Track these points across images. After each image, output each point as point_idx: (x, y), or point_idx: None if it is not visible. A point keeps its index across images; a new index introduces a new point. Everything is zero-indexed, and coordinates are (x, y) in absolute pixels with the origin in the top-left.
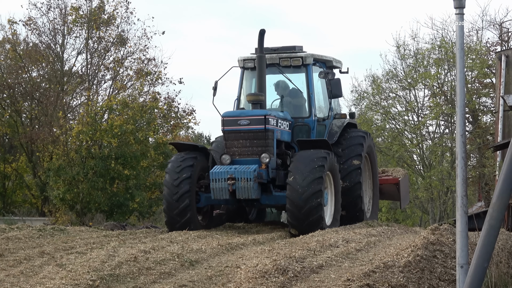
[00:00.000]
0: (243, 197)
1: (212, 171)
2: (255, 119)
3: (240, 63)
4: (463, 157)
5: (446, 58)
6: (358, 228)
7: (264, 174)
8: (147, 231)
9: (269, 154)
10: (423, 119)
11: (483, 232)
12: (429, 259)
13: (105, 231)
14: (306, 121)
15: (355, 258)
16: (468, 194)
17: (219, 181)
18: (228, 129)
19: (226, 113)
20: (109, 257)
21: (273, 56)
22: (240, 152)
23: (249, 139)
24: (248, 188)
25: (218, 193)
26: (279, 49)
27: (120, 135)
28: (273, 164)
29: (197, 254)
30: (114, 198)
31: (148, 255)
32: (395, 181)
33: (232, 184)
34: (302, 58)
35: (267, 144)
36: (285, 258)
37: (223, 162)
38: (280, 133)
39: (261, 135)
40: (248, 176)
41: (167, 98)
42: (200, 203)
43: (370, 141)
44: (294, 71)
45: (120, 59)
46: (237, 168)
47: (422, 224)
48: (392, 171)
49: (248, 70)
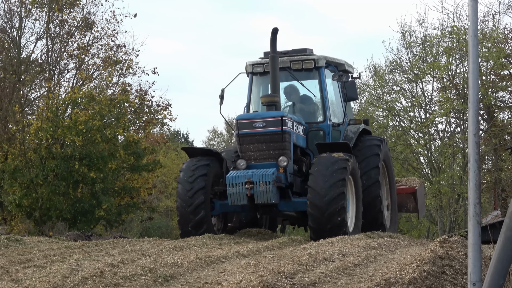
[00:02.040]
0: (262, 202)
1: (229, 175)
2: (271, 121)
3: (249, 68)
4: (476, 160)
5: (458, 46)
6: (356, 240)
7: (282, 178)
8: (115, 242)
9: (287, 158)
10: (431, 116)
11: (498, 244)
12: (437, 276)
13: (67, 242)
14: (321, 126)
15: (352, 274)
16: (482, 202)
17: (237, 186)
18: (243, 133)
19: (240, 116)
20: (71, 272)
21: (283, 59)
22: (256, 156)
23: (265, 142)
24: (267, 192)
25: (235, 198)
26: (289, 52)
27: (85, 133)
28: (290, 169)
29: (172, 269)
30: (78, 204)
31: (116, 270)
32: (412, 190)
33: (250, 188)
34: (314, 60)
35: (284, 147)
36: (273, 274)
37: (239, 168)
38: (296, 137)
39: (278, 138)
40: (267, 179)
41: (139, 91)
42: (215, 210)
43: (386, 147)
44: (306, 74)
45: (86, 45)
46: (255, 172)
47: (429, 236)
48: (406, 181)
49: (257, 75)
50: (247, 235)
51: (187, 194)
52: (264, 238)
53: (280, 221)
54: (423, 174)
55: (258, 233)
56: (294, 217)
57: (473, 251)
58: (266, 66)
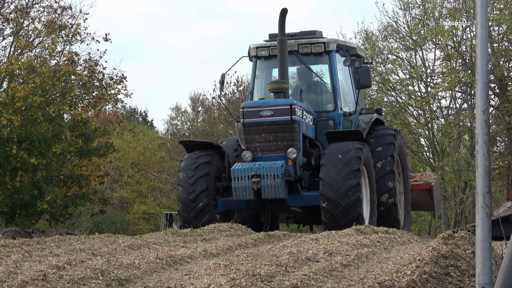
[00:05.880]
0: (269, 197)
1: (234, 168)
2: (280, 109)
3: (252, 52)
4: (485, 141)
5: (464, 7)
6: (345, 236)
7: (292, 171)
8: (61, 240)
9: (296, 149)
10: (433, 90)
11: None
12: (440, 278)
13: (4, 240)
14: (331, 115)
15: (340, 276)
16: (493, 191)
17: (242, 179)
18: (249, 122)
19: (246, 104)
20: (9, 275)
21: (290, 42)
22: (263, 148)
23: (273, 133)
24: (275, 186)
25: (241, 193)
26: (296, 34)
27: (24, 111)
28: (300, 161)
29: (128, 271)
30: (17, 195)
31: (62, 272)
32: (428, 186)
33: (257, 182)
34: (324, 44)
35: (293, 137)
36: (247, 276)
37: (244, 160)
38: (306, 127)
39: (287, 128)
40: (275, 172)
41: (88, 61)
42: (217, 208)
43: (401, 140)
44: (315, 59)
45: (25, 7)
46: (262, 164)
47: (431, 231)
48: (421, 176)
49: (262, 59)
50: (217, 231)
51: (188, 181)
52: (236, 234)
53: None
54: (423, 159)
55: (230, 228)
56: (300, 214)
57: (482, 248)
58: (271, 49)
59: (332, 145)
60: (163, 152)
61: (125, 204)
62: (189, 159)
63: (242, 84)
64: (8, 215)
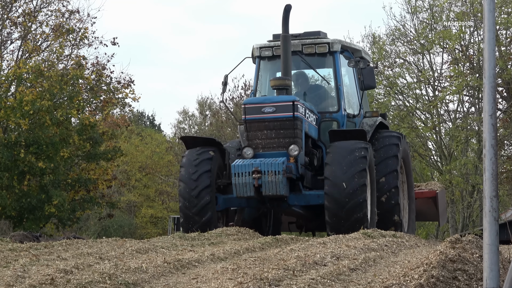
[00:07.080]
0: (270, 193)
1: (235, 164)
2: (282, 105)
3: (256, 52)
4: (493, 145)
5: (472, 11)
6: (352, 240)
7: (293, 168)
8: (68, 244)
9: (298, 147)
10: (441, 94)
11: None
12: (448, 282)
13: (12, 244)
14: (335, 116)
15: (348, 280)
16: (500, 195)
17: (243, 175)
18: (251, 118)
19: (248, 100)
20: (17, 279)
21: (294, 42)
22: (265, 144)
23: (275, 129)
24: (276, 183)
25: (241, 189)
26: (300, 35)
27: (32, 115)
28: (301, 160)
29: (136, 275)
30: (25, 199)
31: (70, 276)
32: (432, 194)
33: (257, 178)
34: (328, 44)
35: (296, 134)
36: (255, 281)
37: (245, 156)
38: (308, 126)
39: (289, 124)
40: (276, 168)
41: (96, 65)
42: (218, 206)
43: (405, 144)
44: (319, 60)
45: (33, 11)
46: (263, 161)
47: (439, 235)
48: (426, 185)
49: (265, 59)
50: (224, 235)
51: (191, 177)
52: (244, 238)
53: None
54: (431, 162)
55: (238, 232)
56: (302, 217)
57: (490, 252)
58: (275, 49)
59: (337, 144)
60: (170, 155)
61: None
62: (191, 155)
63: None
64: (15, 219)
